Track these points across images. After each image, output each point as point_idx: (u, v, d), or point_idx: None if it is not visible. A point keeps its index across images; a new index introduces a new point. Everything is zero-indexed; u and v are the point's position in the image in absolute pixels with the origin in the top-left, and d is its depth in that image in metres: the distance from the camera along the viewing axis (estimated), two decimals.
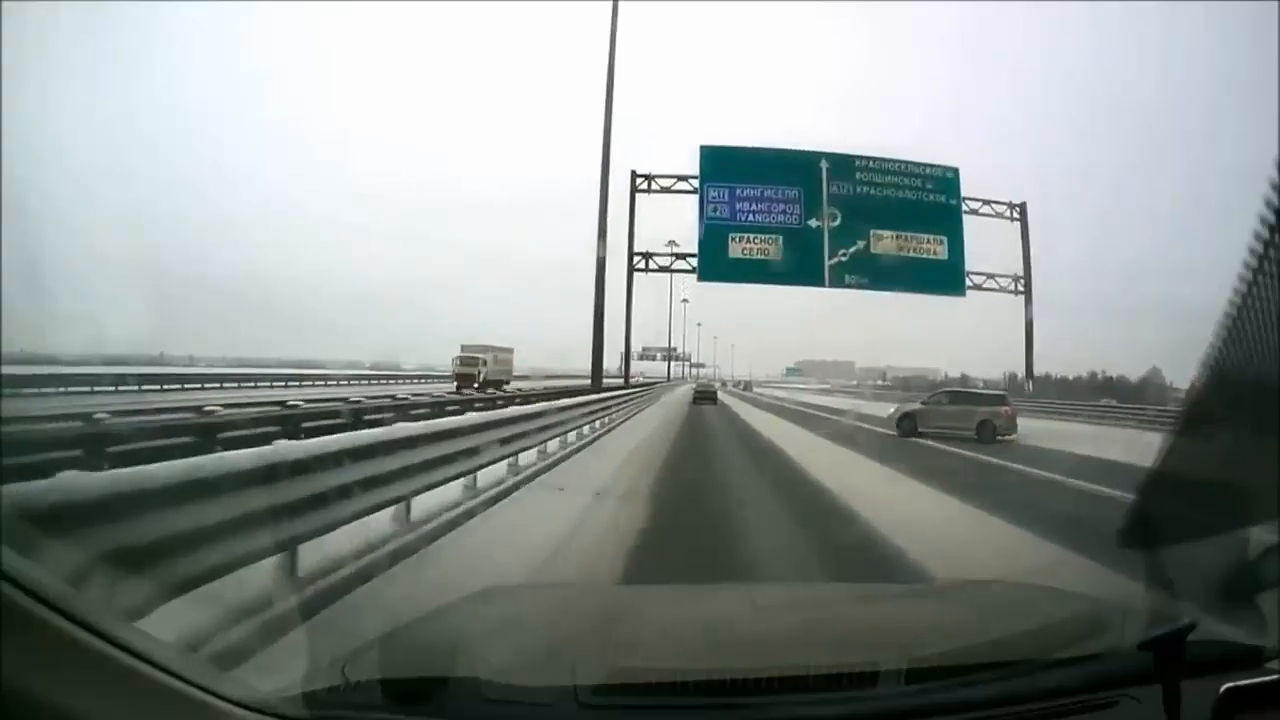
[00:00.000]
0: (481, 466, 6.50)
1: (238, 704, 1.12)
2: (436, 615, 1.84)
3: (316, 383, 31.06)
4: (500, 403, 15.93)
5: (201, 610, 2.80)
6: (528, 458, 8.53)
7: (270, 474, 3.31)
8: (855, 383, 75.71)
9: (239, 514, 3.00)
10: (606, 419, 15.37)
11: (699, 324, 73.21)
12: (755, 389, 69.32)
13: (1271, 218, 1.01)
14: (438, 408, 13.94)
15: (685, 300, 65.79)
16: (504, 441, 7.21)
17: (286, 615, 3.04)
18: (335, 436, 4.23)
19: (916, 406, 17.81)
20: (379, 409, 13.25)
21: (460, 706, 1.22)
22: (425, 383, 35.54)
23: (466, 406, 13.24)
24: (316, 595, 3.56)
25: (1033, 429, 18.05)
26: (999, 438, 15.85)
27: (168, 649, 1.04)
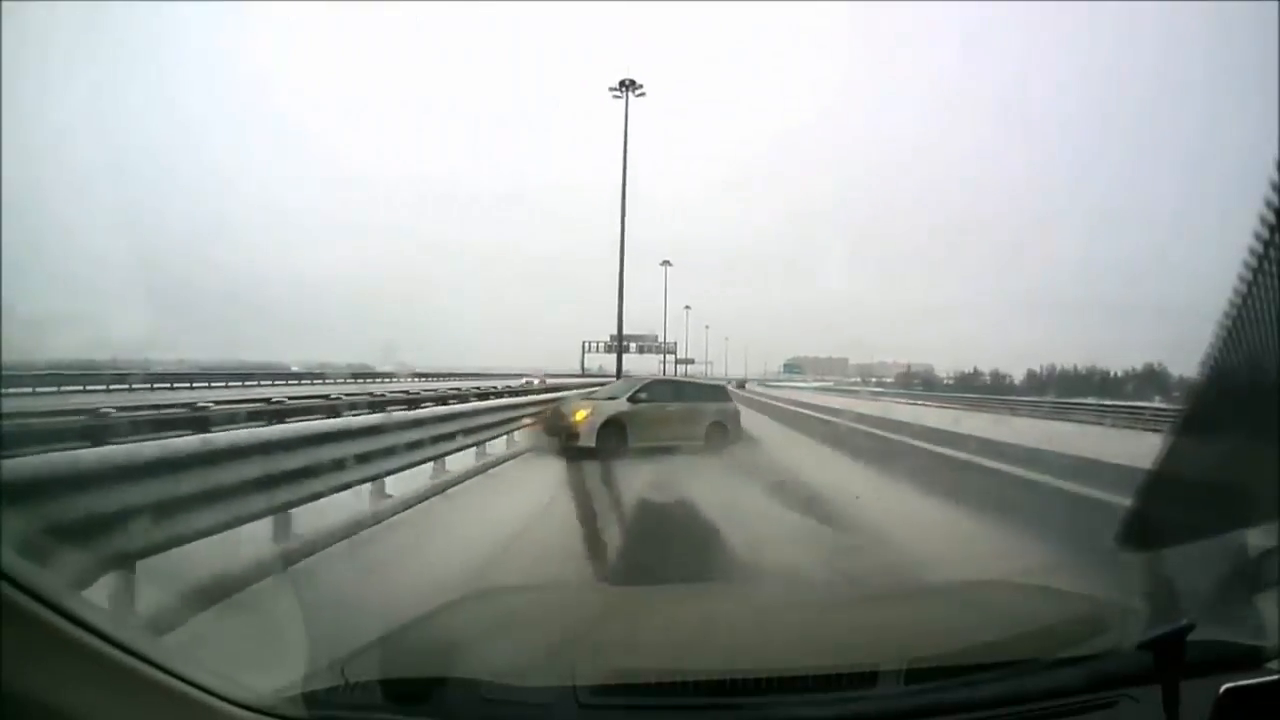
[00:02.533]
0: None
1: (238, 704, 1.12)
2: (436, 615, 1.84)
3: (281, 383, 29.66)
4: None
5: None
6: None
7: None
8: (859, 379, 74.25)
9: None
10: None
11: (687, 307, 66.15)
12: (749, 387, 66.40)
13: (1271, 218, 1.01)
14: None
15: (667, 264, 52.31)
16: None
17: (287, 615, 3.04)
18: None
19: (624, 407, 10.82)
20: None
21: (460, 706, 1.22)
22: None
23: None
24: None
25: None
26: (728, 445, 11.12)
27: (168, 649, 1.04)
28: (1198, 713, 1.15)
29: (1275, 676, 1.22)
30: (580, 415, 10.68)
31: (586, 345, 63.74)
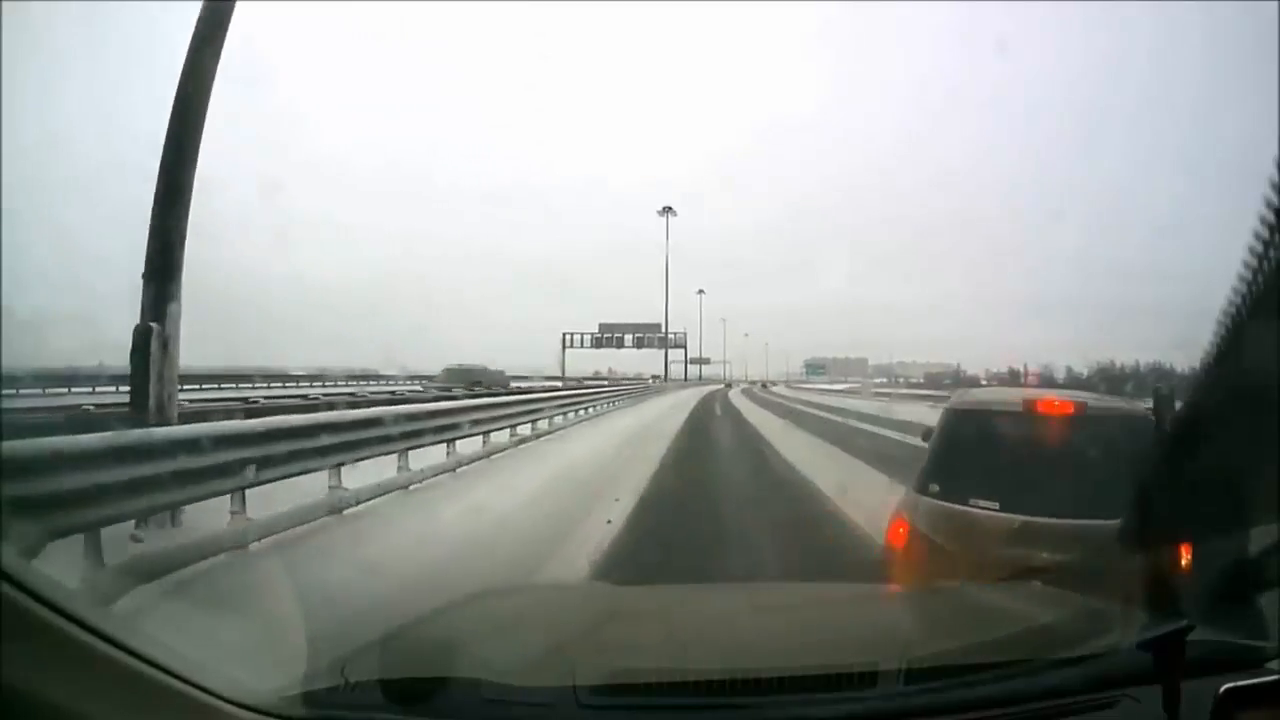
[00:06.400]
0: None
1: (238, 704, 1.12)
2: (436, 615, 1.84)
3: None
4: None
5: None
6: None
7: None
8: (884, 380, 71.60)
9: None
10: None
11: (701, 291, 57.19)
12: (774, 389, 62.34)
13: (1271, 218, 1.01)
14: None
15: (669, 210, 45.58)
16: None
17: (287, 615, 3.04)
18: None
19: None
20: None
21: (460, 707, 1.22)
22: None
23: None
24: None
25: None
26: None
27: (168, 649, 1.04)
28: (1198, 713, 1.15)
29: (1275, 676, 1.23)
30: None
31: (568, 339, 51.57)
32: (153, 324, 5.20)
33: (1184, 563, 1.48)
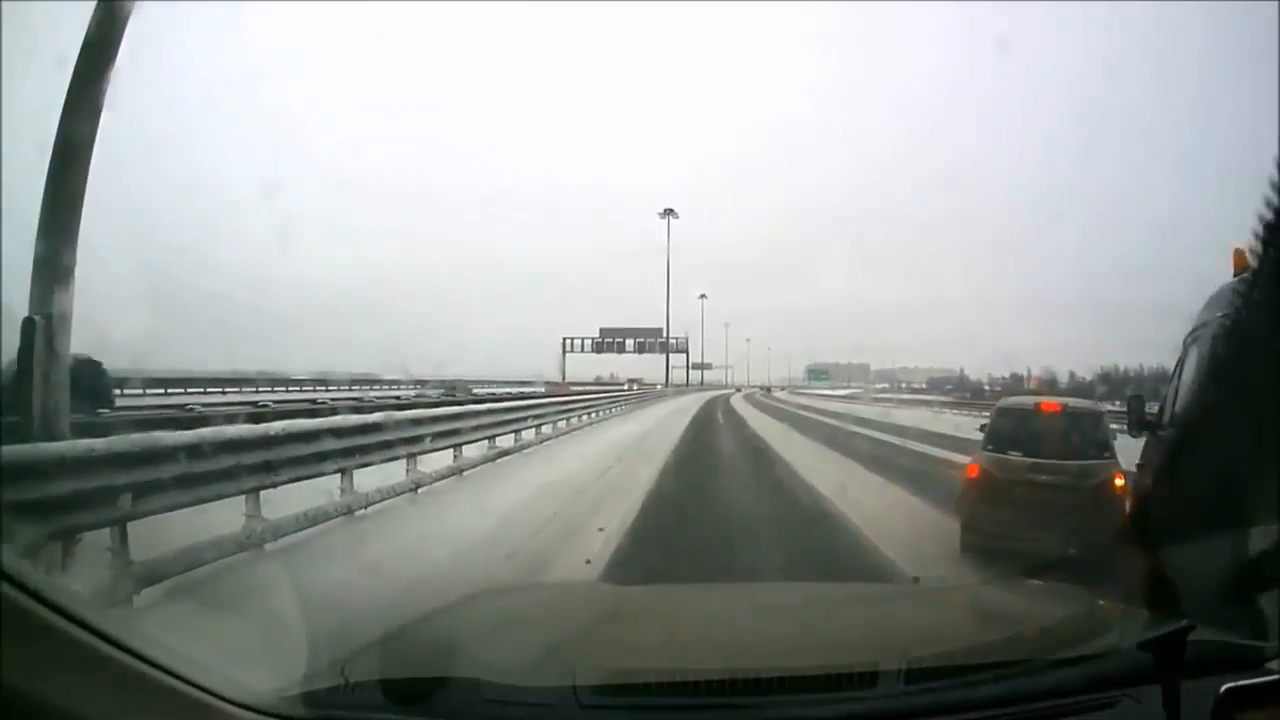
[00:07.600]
0: None
1: (238, 704, 1.12)
2: (436, 615, 1.84)
3: None
4: None
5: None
6: None
7: None
8: (886, 386, 70.87)
9: None
10: None
11: (703, 295, 56.32)
12: (778, 394, 63.16)
13: (1271, 217, 1.01)
14: None
15: (670, 213, 45.84)
16: None
17: (287, 615, 3.04)
18: None
19: None
20: None
21: (460, 706, 1.22)
22: None
23: None
24: None
25: None
26: None
27: (168, 650, 1.04)
28: (1198, 713, 1.15)
29: (1275, 676, 1.22)
30: None
31: (568, 343, 50.71)
32: (36, 316, 4.27)
33: (1184, 563, 1.48)
